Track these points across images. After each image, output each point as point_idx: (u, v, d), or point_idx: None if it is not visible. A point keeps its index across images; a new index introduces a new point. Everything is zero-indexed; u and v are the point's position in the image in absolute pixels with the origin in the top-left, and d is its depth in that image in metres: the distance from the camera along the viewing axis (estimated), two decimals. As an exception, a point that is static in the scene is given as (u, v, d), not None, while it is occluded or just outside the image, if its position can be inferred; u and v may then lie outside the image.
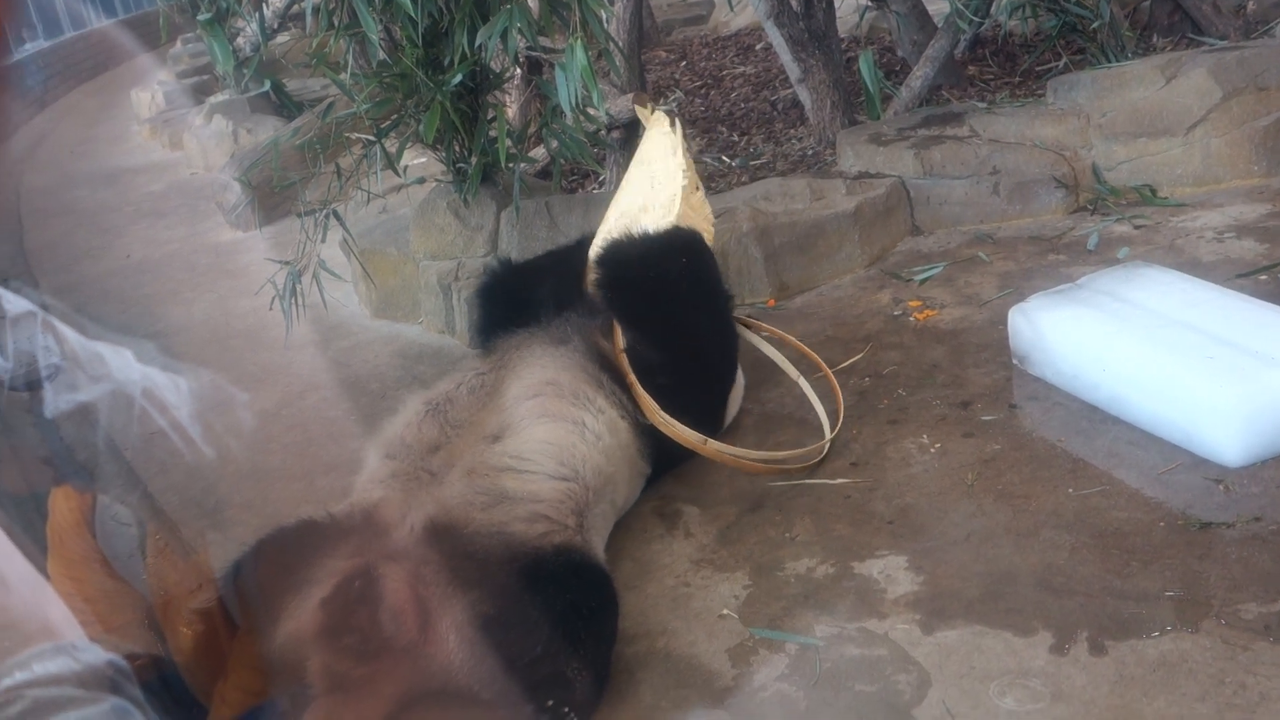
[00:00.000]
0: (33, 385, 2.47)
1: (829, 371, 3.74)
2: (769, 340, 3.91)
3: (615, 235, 3.45)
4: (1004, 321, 3.69)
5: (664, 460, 3.36)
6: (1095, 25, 5.38)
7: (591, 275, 3.46)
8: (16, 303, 2.39)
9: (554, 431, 2.99)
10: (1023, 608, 2.61)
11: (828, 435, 3.43)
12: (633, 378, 3.29)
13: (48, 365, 2.41)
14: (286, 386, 4.60)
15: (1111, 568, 2.68)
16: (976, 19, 5.60)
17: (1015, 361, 3.64)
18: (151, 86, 10.99)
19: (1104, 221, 4.63)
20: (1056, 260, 4.41)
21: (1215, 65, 4.79)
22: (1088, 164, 4.88)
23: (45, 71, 13.43)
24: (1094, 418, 3.31)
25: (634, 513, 3.28)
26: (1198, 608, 2.51)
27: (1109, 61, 5.28)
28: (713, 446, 3.27)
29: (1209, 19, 5.76)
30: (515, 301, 3.68)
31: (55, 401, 2.43)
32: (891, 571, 2.83)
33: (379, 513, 2.75)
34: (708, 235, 3.61)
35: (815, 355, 3.83)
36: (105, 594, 2.57)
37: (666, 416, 3.24)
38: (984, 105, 5.40)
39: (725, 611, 2.80)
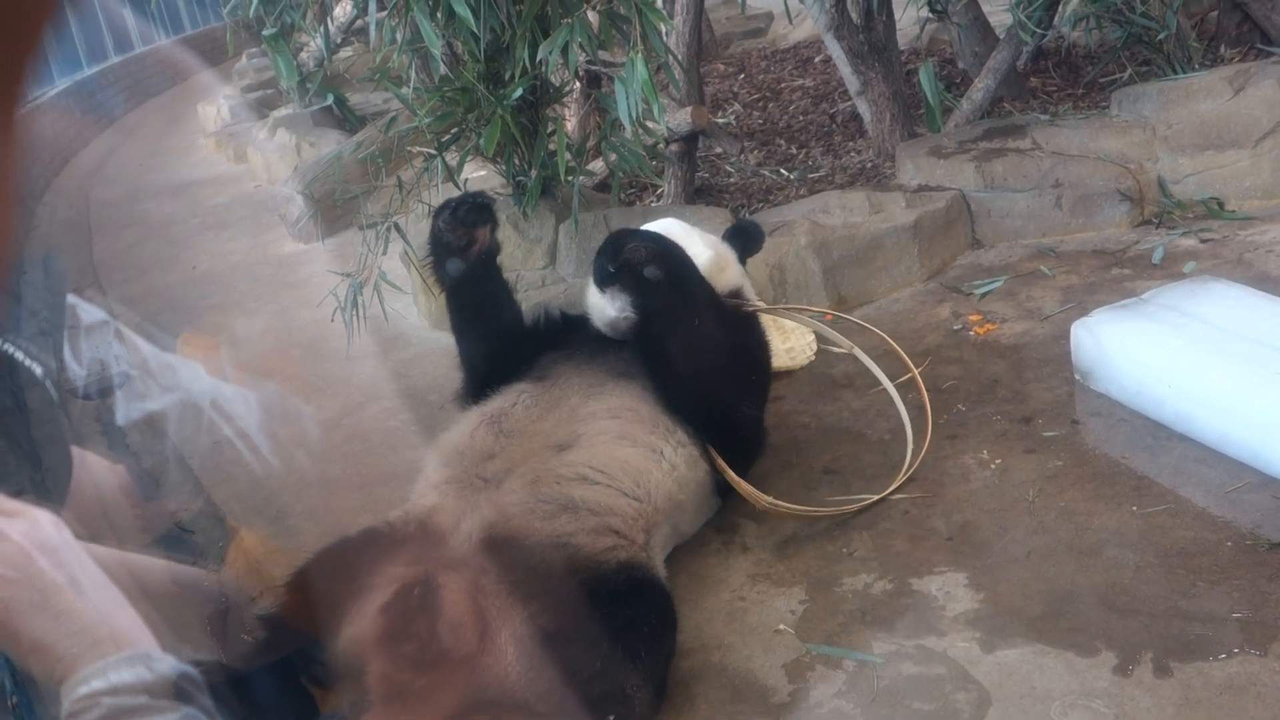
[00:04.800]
0: (104, 393, 2.54)
1: (923, 392, 3.57)
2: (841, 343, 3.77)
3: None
4: (1066, 336, 3.64)
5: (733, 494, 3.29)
6: (1161, 36, 5.30)
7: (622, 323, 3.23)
8: (91, 313, 2.45)
9: (632, 453, 2.95)
10: (1085, 627, 2.58)
11: (899, 477, 3.29)
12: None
13: (119, 373, 2.47)
14: (347, 397, 4.65)
15: (1177, 587, 2.64)
16: (1039, 30, 5.54)
17: (1078, 377, 3.59)
18: (217, 101, 11.18)
19: (1170, 235, 4.56)
20: (1120, 274, 4.35)
21: (1285, 76, 4.71)
22: (1153, 177, 4.80)
23: (114, 87, 13.73)
24: (1159, 434, 3.25)
25: (691, 526, 3.27)
26: (1266, 629, 2.46)
27: (1175, 73, 5.20)
28: (766, 503, 3.15)
29: (1279, 29, 5.65)
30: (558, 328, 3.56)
31: (126, 410, 2.49)
32: (951, 588, 2.81)
33: (434, 520, 2.76)
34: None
35: (908, 360, 3.66)
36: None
37: (734, 475, 3.15)
38: (1047, 117, 5.34)
39: (782, 627, 2.79)
